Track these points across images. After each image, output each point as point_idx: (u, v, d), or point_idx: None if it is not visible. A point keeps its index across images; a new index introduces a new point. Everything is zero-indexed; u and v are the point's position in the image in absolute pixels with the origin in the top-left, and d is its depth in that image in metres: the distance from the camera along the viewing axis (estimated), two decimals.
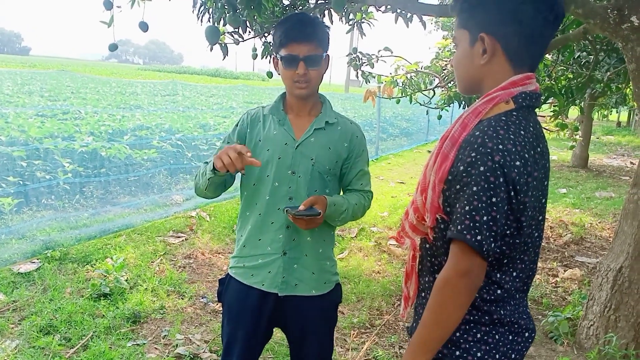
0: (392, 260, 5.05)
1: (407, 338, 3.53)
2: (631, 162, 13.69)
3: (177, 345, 3.23)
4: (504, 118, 1.25)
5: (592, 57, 4.63)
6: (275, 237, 1.91)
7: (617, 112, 29.29)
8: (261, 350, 2.08)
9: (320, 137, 1.92)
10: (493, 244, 1.19)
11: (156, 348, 3.21)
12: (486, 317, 1.32)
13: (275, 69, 1.95)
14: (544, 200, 1.35)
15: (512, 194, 1.20)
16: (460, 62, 1.38)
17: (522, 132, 1.24)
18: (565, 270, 4.93)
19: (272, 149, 1.90)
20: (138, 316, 3.51)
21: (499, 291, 1.31)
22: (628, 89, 6.92)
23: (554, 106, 5.41)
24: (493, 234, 1.19)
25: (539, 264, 5.00)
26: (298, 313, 1.96)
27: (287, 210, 1.78)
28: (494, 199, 1.18)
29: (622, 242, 3.25)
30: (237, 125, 2.00)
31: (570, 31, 3.83)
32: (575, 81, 5.06)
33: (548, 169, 1.36)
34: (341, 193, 2.06)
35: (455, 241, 1.22)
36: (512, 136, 1.22)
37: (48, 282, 3.88)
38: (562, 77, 5.31)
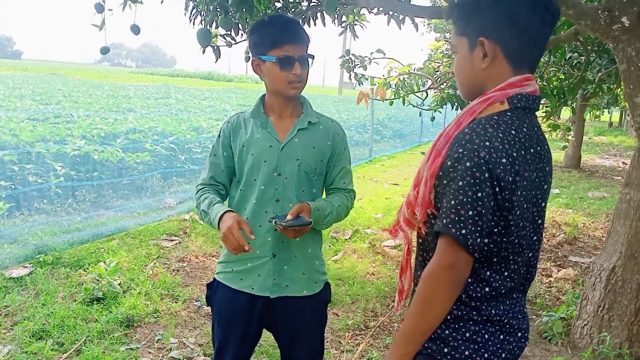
0: (386, 261, 5.05)
1: None
2: (623, 162, 13.78)
3: (171, 349, 3.21)
4: (495, 117, 1.27)
5: (584, 58, 4.65)
6: (264, 240, 1.90)
7: (609, 113, 29.51)
8: (252, 351, 2.08)
9: (304, 137, 1.92)
10: (479, 239, 1.20)
11: (150, 352, 3.19)
12: (474, 313, 1.33)
13: (257, 71, 1.92)
14: (543, 205, 1.36)
15: (497, 190, 1.21)
16: (461, 68, 1.39)
17: (513, 132, 1.26)
18: (558, 270, 4.95)
19: (256, 152, 1.89)
20: (131, 320, 3.49)
21: (486, 289, 1.32)
22: (619, 90, 6.97)
23: (546, 107, 5.44)
24: (479, 228, 1.20)
25: None
26: (288, 314, 1.96)
27: (275, 222, 1.76)
28: (479, 194, 1.19)
29: (615, 242, 3.27)
30: (219, 136, 1.98)
31: (562, 32, 3.86)
32: (567, 82, 5.09)
33: (548, 172, 1.37)
34: (323, 193, 2.06)
35: (442, 235, 1.24)
36: (500, 134, 1.23)
37: (40, 286, 3.85)
38: (553, 78, 5.34)
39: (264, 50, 1.83)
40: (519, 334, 1.38)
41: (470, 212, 1.19)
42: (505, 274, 1.33)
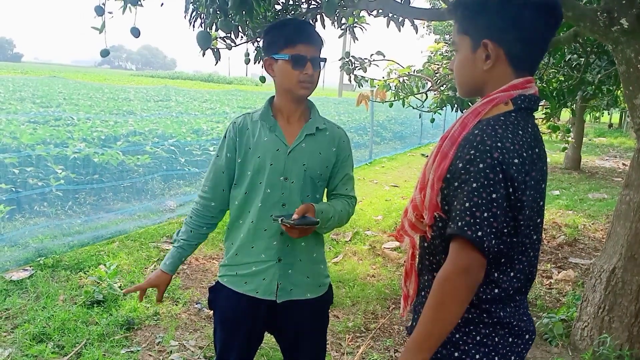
0: (386, 263, 5.05)
1: (402, 341, 3.52)
2: (623, 164, 13.77)
3: (171, 351, 3.21)
4: (502, 118, 1.27)
5: (583, 59, 4.66)
6: (270, 244, 1.90)
7: (608, 114, 29.48)
8: (254, 354, 2.09)
9: (311, 142, 1.92)
10: (494, 241, 1.19)
11: (150, 355, 3.19)
12: (484, 315, 1.32)
13: (269, 71, 1.93)
14: (541, 203, 1.36)
15: (511, 190, 1.21)
16: (461, 67, 1.39)
17: (520, 132, 1.26)
18: (559, 272, 4.95)
19: (263, 155, 1.89)
20: (132, 323, 3.49)
21: (496, 290, 1.31)
22: (619, 91, 6.98)
23: (546, 108, 5.45)
24: (494, 230, 1.19)
25: None
26: (292, 317, 1.96)
27: (281, 220, 1.75)
28: (493, 195, 1.19)
29: (614, 243, 3.27)
30: (224, 137, 1.98)
31: (561, 34, 3.86)
32: (567, 83, 5.09)
33: (545, 172, 1.37)
34: (324, 198, 2.07)
35: (456, 238, 1.23)
36: (510, 135, 1.23)
37: (41, 289, 3.86)
38: (553, 80, 5.34)
39: (277, 49, 1.84)
40: (527, 337, 1.37)
41: (486, 214, 1.18)
42: (512, 274, 1.32)
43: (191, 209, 2.03)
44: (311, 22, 3.69)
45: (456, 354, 1.33)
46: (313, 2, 3.62)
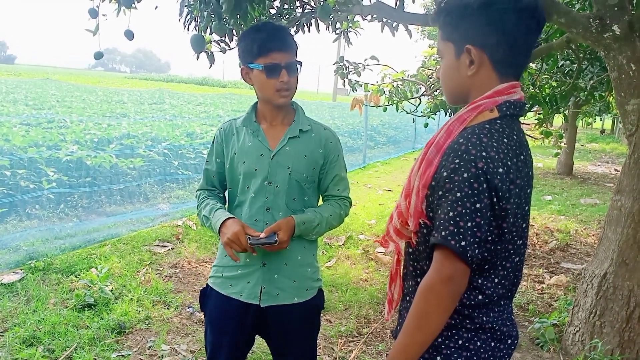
0: (379, 268, 5.05)
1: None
2: (615, 169, 13.85)
3: (162, 355, 3.20)
4: (487, 126, 1.27)
5: (576, 65, 4.69)
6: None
7: (600, 120, 29.68)
8: (245, 357, 2.08)
9: (295, 145, 1.92)
10: (477, 250, 1.20)
11: (141, 359, 3.17)
12: (467, 321, 1.32)
13: (246, 80, 1.92)
14: (527, 208, 1.36)
15: (495, 200, 1.21)
16: (446, 74, 1.38)
17: (505, 140, 1.26)
18: (551, 277, 4.96)
19: (248, 161, 1.89)
20: (123, 327, 3.47)
21: (480, 296, 1.32)
22: (611, 97, 7.02)
23: (539, 114, 5.48)
24: (477, 239, 1.20)
25: (525, 271, 5.03)
26: (280, 322, 1.96)
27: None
28: (477, 205, 1.19)
29: (606, 249, 3.28)
30: (213, 143, 2.00)
31: (554, 40, 3.89)
32: (560, 89, 5.12)
33: (531, 177, 1.37)
34: (320, 200, 2.07)
35: (439, 247, 1.23)
36: (495, 144, 1.23)
37: (31, 292, 3.83)
38: (546, 86, 5.38)
39: (251, 59, 1.84)
40: (509, 341, 1.38)
41: (469, 224, 1.19)
42: (496, 280, 1.33)
43: (201, 198, 2.00)
44: (306, 26, 3.70)
45: (438, 358, 1.33)
46: (308, 7, 3.63)
